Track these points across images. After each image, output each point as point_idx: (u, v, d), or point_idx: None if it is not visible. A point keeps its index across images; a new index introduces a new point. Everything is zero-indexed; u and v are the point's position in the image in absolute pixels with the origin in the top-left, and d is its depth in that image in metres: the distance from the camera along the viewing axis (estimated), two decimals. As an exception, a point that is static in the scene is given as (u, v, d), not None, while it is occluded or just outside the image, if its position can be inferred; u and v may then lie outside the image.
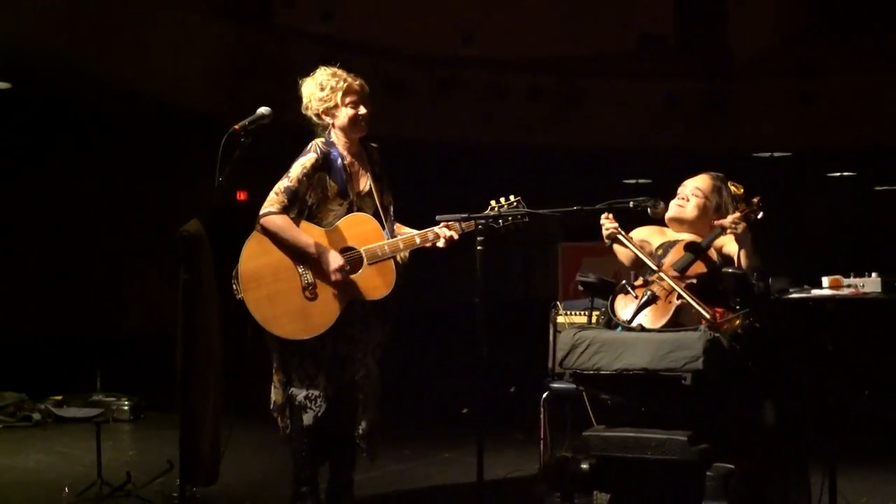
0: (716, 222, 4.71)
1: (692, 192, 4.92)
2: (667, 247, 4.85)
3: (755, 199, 4.73)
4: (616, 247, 4.83)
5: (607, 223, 4.77)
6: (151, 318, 12.72)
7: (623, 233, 4.77)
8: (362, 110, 4.89)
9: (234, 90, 11.93)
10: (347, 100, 4.87)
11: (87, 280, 12.77)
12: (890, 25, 14.97)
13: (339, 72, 4.93)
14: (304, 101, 4.95)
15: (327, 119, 4.90)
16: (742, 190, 4.91)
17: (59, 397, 8.41)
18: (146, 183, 13.14)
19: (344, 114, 4.87)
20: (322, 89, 4.88)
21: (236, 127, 4.46)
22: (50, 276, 12.72)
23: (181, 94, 11.45)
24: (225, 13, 12.58)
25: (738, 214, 4.64)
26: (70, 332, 12.13)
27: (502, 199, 4.90)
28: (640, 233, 4.99)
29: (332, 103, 4.87)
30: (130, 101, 11.28)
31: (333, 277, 4.70)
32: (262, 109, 4.59)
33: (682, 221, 4.90)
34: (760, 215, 4.67)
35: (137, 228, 12.92)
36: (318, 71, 4.95)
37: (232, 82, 12.12)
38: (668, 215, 4.91)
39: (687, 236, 4.86)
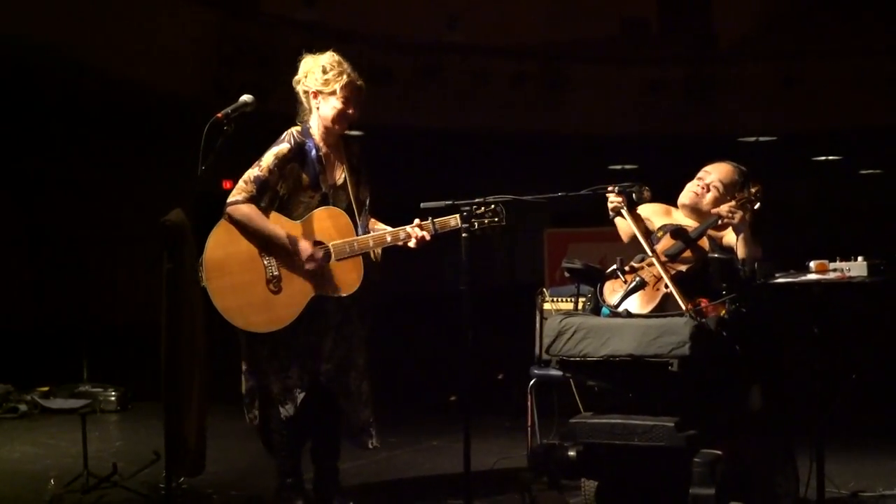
0: (713, 210, 4.68)
1: (714, 185, 4.82)
2: (667, 228, 4.80)
3: (753, 189, 4.68)
4: (618, 220, 4.80)
5: (613, 197, 4.72)
6: (138, 308, 12.68)
7: (627, 208, 4.71)
8: (351, 110, 4.82)
9: (220, 78, 11.89)
10: (343, 93, 4.77)
11: (74, 271, 12.74)
12: (873, 8, 14.99)
13: (346, 64, 4.83)
14: (300, 74, 4.84)
15: (314, 102, 4.83)
16: (755, 187, 4.78)
17: (46, 388, 8.38)
18: (132, 172, 13.11)
19: (332, 105, 4.78)
20: (325, 72, 4.77)
21: (219, 115, 4.41)
22: (36, 267, 12.69)
23: (166, 82, 11.41)
24: (210, 0, 12.53)
25: (733, 203, 4.60)
26: (56, 322, 12.10)
27: (489, 199, 4.80)
28: (646, 209, 4.89)
29: (327, 89, 4.77)
30: (116, 89, 11.24)
31: (307, 266, 4.66)
32: (245, 97, 4.55)
33: (696, 211, 4.84)
34: (758, 206, 4.63)
35: (123, 218, 12.88)
36: (325, 54, 4.84)
37: (217, 70, 12.08)
38: (682, 200, 4.85)
39: (690, 223, 4.82)
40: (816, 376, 4.34)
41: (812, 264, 4.37)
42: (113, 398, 8.22)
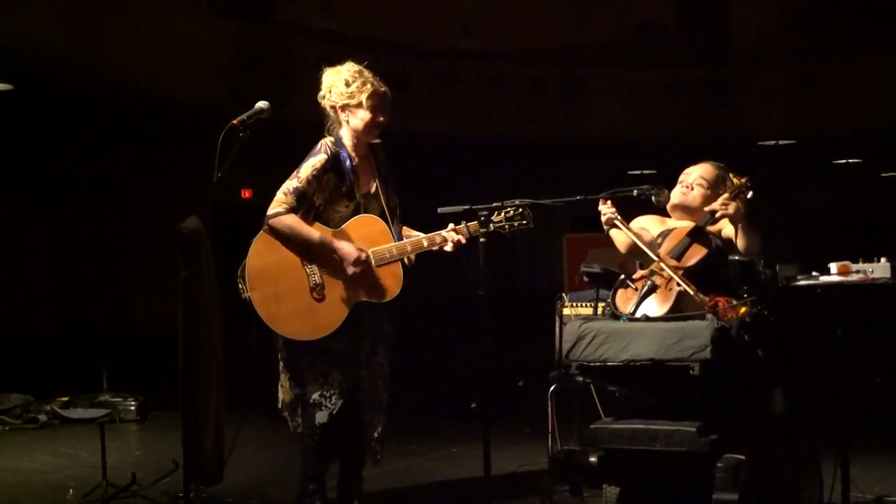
0: (707, 208, 4.68)
1: (696, 182, 4.88)
2: (665, 234, 4.81)
3: (743, 179, 4.70)
4: (613, 233, 4.79)
5: (605, 209, 4.73)
6: (158, 317, 12.69)
7: (621, 219, 4.72)
8: (380, 118, 4.83)
9: (237, 86, 11.90)
10: (370, 103, 4.78)
11: (93, 280, 12.77)
12: (893, 9, 14.89)
13: (367, 72, 4.84)
14: (324, 90, 4.85)
15: (343, 115, 4.83)
16: (741, 180, 4.84)
17: (66, 398, 8.39)
18: (150, 180, 13.14)
19: (361, 116, 4.80)
20: (347, 85, 4.79)
21: (235, 121, 4.41)
22: (55, 276, 12.72)
23: (183, 91, 11.44)
24: (226, 9, 12.56)
25: (726, 195, 4.61)
26: (76, 332, 12.12)
27: (508, 203, 4.80)
28: (639, 221, 4.96)
29: (353, 101, 4.78)
30: (133, 98, 11.27)
31: (351, 271, 4.65)
32: (261, 104, 4.55)
33: (686, 208, 4.86)
34: (750, 194, 4.63)
35: (142, 226, 12.91)
36: (345, 65, 4.85)
37: (234, 78, 12.09)
38: (672, 202, 4.88)
39: (687, 224, 4.82)
40: (840, 379, 4.30)
41: (834, 266, 4.33)
42: (133, 408, 8.22)
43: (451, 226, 4.81)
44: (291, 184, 4.74)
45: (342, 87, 4.80)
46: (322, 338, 4.70)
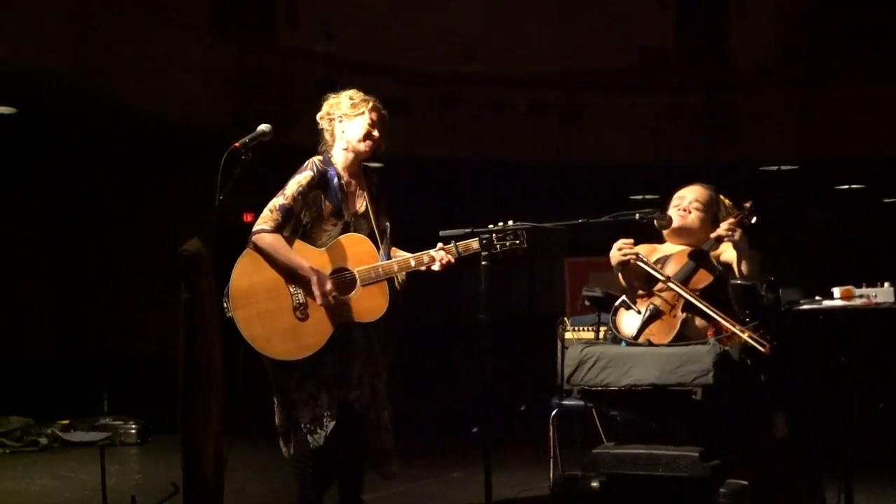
0: (713, 235, 4.68)
1: (693, 206, 4.89)
2: (663, 261, 4.80)
3: (747, 204, 4.70)
4: (623, 270, 4.78)
5: (627, 249, 4.72)
6: (159, 340, 12.64)
7: (641, 255, 4.72)
8: (375, 132, 4.85)
9: (238, 110, 11.91)
10: (369, 116, 4.84)
11: (94, 303, 12.74)
12: (893, 35, 14.93)
13: (361, 96, 4.91)
14: (325, 107, 4.91)
15: (339, 127, 4.84)
16: (730, 202, 4.89)
17: (66, 421, 8.37)
18: (151, 204, 13.13)
19: (359, 125, 4.82)
20: (351, 99, 4.87)
21: (237, 144, 4.42)
22: (56, 299, 12.69)
23: (185, 115, 11.44)
24: (227, 34, 12.58)
25: (732, 220, 4.62)
26: (77, 355, 12.09)
27: (501, 224, 4.78)
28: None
29: (355, 111, 4.83)
30: (134, 122, 11.28)
31: (320, 302, 4.64)
32: (263, 127, 4.56)
33: (685, 231, 4.85)
34: (754, 220, 4.64)
35: (143, 250, 12.89)
36: (349, 90, 4.94)
37: (235, 102, 12.10)
38: (671, 226, 4.87)
39: (681, 248, 4.81)
40: (843, 404, 4.28)
41: (837, 291, 4.32)
42: (133, 431, 8.20)
43: (439, 245, 4.80)
44: (277, 201, 4.75)
45: (346, 100, 4.88)
46: (308, 359, 4.68)
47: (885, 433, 6.24)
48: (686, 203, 4.92)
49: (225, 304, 4.69)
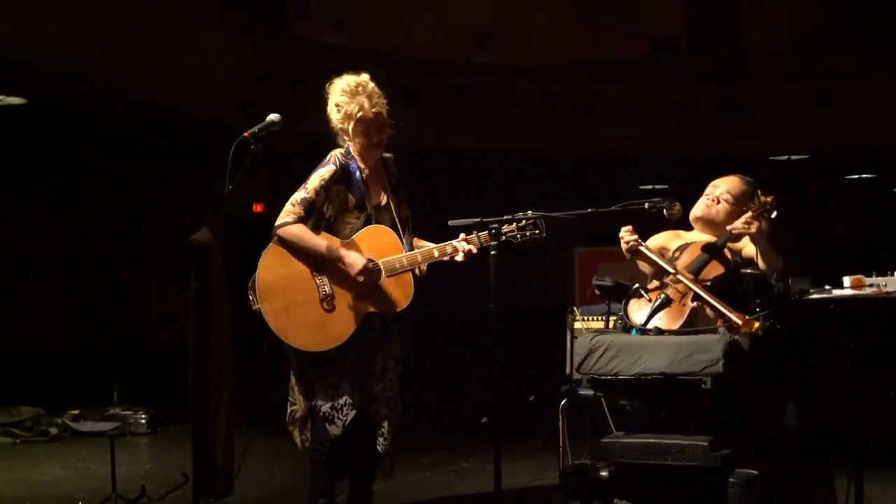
0: (728, 227, 4.64)
1: (723, 197, 4.83)
2: (683, 248, 4.79)
3: (768, 199, 4.64)
4: (638, 259, 4.77)
5: (627, 236, 4.70)
6: (169, 330, 12.71)
7: (644, 244, 4.70)
8: (374, 139, 4.81)
9: (249, 101, 11.93)
10: (359, 128, 4.77)
11: (104, 293, 12.78)
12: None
13: (360, 90, 4.79)
14: (330, 105, 4.86)
15: (344, 136, 4.84)
16: (769, 198, 4.75)
17: (77, 411, 8.38)
18: (162, 195, 13.17)
19: (357, 140, 4.80)
20: (338, 110, 4.79)
21: (246, 134, 4.41)
22: (67, 289, 12.74)
23: (197, 106, 11.47)
24: (239, 24, 12.60)
25: (749, 214, 4.57)
26: (87, 345, 12.13)
27: (520, 214, 4.78)
28: (657, 239, 4.93)
29: (347, 126, 4.79)
30: (147, 113, 11.30)
31: (359, 279, 4.63)
32: (272, 116, 4.55)
33: (710, 223, 4.82)
34: (774, 214, 4.59)
35: (154, 241, 12.93)
36: (342, 79, 4.82)
37: (246, 93, 12.12)
38: (695, 214, 4.84)
39: (704, 237, 4.79)
40: (853, 394, 4.27)
41: (847, 280, 4.30)
42: (143, 421, 8.21)
43: (461, 236, 4.80)
44: (300, 194, 4.74)
45: (335, 112, 4.81)
46: (332, 350, 4.69)
47: (896, 423, 6.23)
48: (717, 193, 4.85)
49: (251, 298, 4.69)
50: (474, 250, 4.79)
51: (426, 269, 4.88)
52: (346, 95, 4.80)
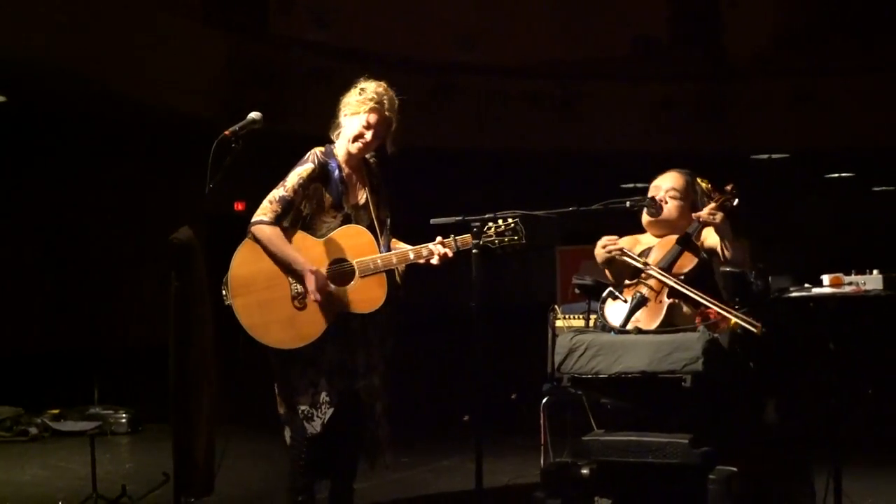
0: (694, 215, 4.67)
1: (670, 195, 4.86)
2: (646, 253, 4.81)
3: (728, 187, 4.69)
4: (608, 269, 4.79)
5: (611, 245, 4.72)
6: (150, 329, 12.63)
7: (627, 250, 4.72)
8: (368, 135, 4.80)
9: (231, 99, 11.89)
10: (367, 118, 4.77)
11: (84, 292, 12.73)
12: (885, 25, 14.95)
13: (387, 96, 4.84)
14: (344, 95, 4.85)
15: (344, 119, 4.82)
16: (709, 184, 4.86)
17: (57, 411, 8.36)
18: (143, 193, 13.11)
19: (354, 123, 4.76)
20: (360, 93, 4.79)
21: (227, 132, 4.40)
22: (46, 288, 12.68)
23: (178, 104, 11.42)
24: (220, 22, 12.56)
25: (713, 205, 4.61)
26: (67, 344, 12.08)
27: (500, 221, 4.76)
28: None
29: (356, 109, 4.77)
30: (127, 111, 11.26)
31: (312, 298, 4.64)
32: (253, 114, 4.53)
33: (665, 223, 4.84)
34: (736, 202, 4.63)
35: (134, 239, 12.88)
36: (378, 82, 4.86)
37: (228, 90, 12.09)
38: (646, 219, 4.87)
39: (669, 237, 4.81)
40: (832, 391, 4.29)
41: (827, 278, 4.32)
42: (124, 420, 8.19)
43: (438, 239, 4.79)
44: (278, 192, 4.74)
45: (355, 94, 4.82)
46: (309, 347, 4.68)
47: (874, 419, 6.27)
48: (662, 193, 4.89)
49: (224, 293, 4.69)
50: (450, 254, 4.78)
51: (403, 271, 4.87)
52: (377, 89, 4.81)
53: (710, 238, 4.67)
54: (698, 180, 4.86)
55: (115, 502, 5.42)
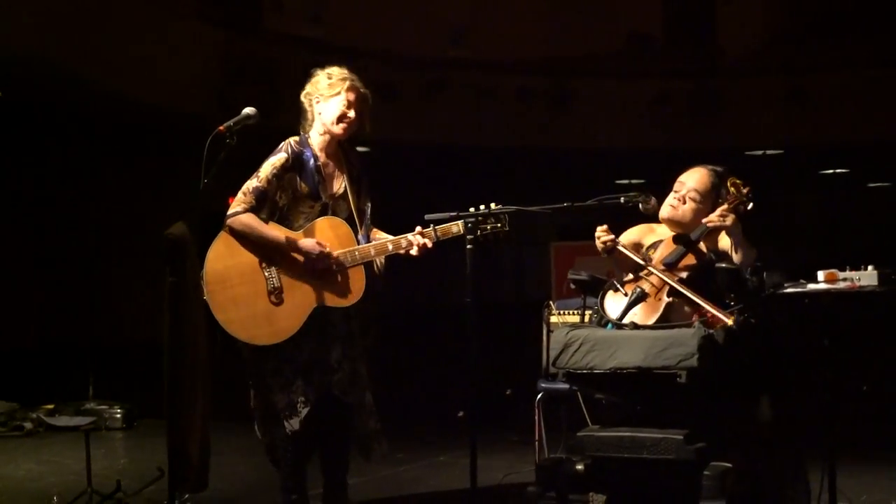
0: (704, 220, 4.64)
1: (689, 196, 4.78)
2: (656, 245, 4.80)
3: (744, 190, 4.66)
4: (616, 256, 4.78)
5: (604, 236, 4.71)
6: (144, 325, 12.62)
7: (620, 243, 4.71)
8: (352, 113, 4.79)
9: (225, 95, 11.87)
10: (346, 96, 4.75)
11: (79, 288, 12.71)
12: (879, 21, 14.97)
13: (353, 74, 4.84)
14: (307, 86, 4.84)
15: (317, 108, 4.80)
16: (746, 188, 4.73)
17: (51, 406, 8.36)
18: (138, 189, 13.10)
19: (334, 104, 4.75)
20: (329, 77, 4.78)
21: (221, 128, 4.39)
22: (41, 284, 12.66)
23: (171, 100, 11.40)
24: (214, 18, 12.53)
25: (725, 206, 4.59)
26: (62, 340, 12.07)
27: (482, 207, 4.74)
28: (631, 234, 4.93)
29: (331, 91, 4.75)
30: (121, 107, 11.24)
31: (317, 265, 4.60)
32: (248, 110, 4.53)
33: (678, 224, 4.82)
34: (751, 206, 4.60)
35: (128, 234, 12.86)
36: (334, 67, 4.86)
37: (222, 87, 12.06)
38: (662, 215, 4.83)
39: (673, 236, 4.80)
40: (827, 387, 4.29)
41: (821, 274, 4.32)
42: (118, 415, 8.19)
43: (418, 229, 4.77)
44: (251, 183, 4.73)
45: (324, 79, 4.80)
46: (285, 343, 4.66)
47: (869, 416, 6.28)
48: (683, 191, 4.81)
49: (201, 288, 4.67)
50: (429, 244, 4.76)
51: (384, 264, 4.85)
52: (341, 71, 4.82)
53: (723, 240, 4.65)
54: (730, 181, 4.72)
55: (110, 497, 5.42)
